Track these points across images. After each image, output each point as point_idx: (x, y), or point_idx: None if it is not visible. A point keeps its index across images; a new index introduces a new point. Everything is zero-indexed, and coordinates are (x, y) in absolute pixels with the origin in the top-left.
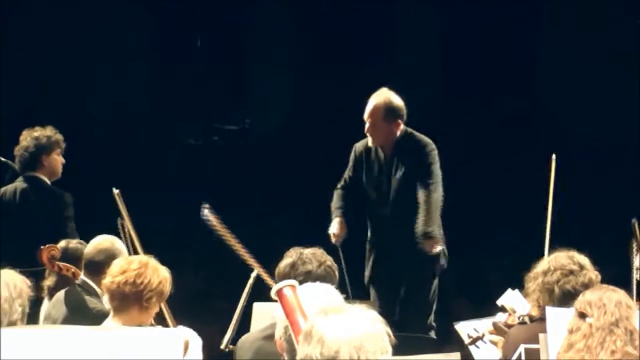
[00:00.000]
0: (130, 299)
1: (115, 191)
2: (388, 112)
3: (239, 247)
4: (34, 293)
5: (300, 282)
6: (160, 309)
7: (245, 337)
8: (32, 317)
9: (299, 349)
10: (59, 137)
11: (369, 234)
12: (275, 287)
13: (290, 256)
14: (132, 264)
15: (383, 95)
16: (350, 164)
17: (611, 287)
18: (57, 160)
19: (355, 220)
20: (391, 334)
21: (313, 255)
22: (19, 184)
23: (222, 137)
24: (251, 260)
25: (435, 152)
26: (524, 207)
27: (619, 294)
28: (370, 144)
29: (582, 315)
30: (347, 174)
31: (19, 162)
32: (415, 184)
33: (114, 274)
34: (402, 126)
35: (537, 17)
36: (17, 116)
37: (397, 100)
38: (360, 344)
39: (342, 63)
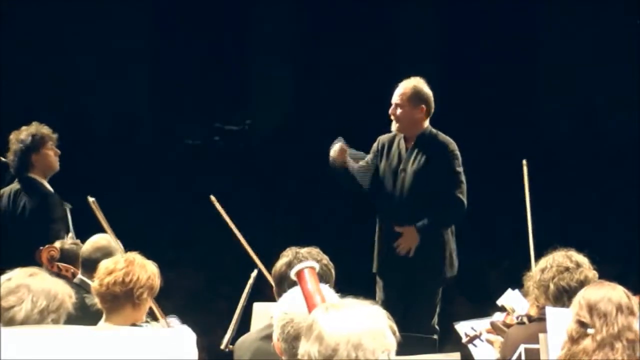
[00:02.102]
0: (122, 299)
1: (91, 199)
2: (414, 94)
3: (241, 237)
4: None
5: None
6: (151, 308)
7: (243, 338)
8: None
9: (301, 343)
10: (45, 130)
11: (377, 224)
12: (295, 268)
13: (287, 255)
14: (118, 263)
15: (413, 80)
16: (371, 151)
17: (610, 284)
18: (49, 154)
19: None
20: (396, 330)
21: (309, 254)
22: (14, 185)
23: (222, 138)
24: (250, 251)
25: (457, 153)
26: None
27: (618, 292)
28: (393, 129)
29: (582, 324)
30: (366, 159)
31: (12, 167)
32: (431, 181)
33: (101, 276)
34: (427, 119)
35: (536, 17)
36: (17, 116)
37: (426, 89)
38: (359, 342)
39: (342, 63)
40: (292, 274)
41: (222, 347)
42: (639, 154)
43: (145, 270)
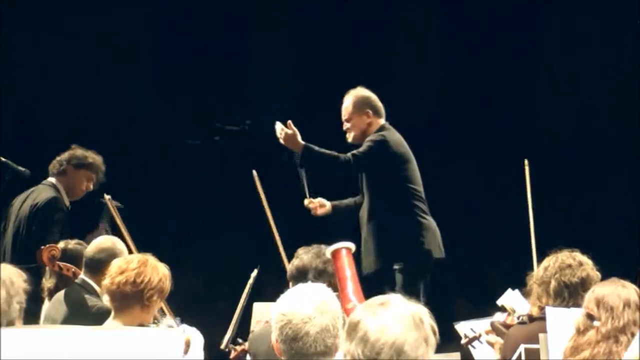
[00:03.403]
0: (132, 299)
1: (107, 197)
2: (356, 103)
3: (271, 218)
4: (31, 287)
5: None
6: (161, 307)
7: (259, 331)
8: (33, 317)
9: (343, 342)
10: (98, 164)
11: None
12: (332, 247)
13: (303, 253)
14: (131, 263)
15: (351, 92)
16: None
17: (621, 281)
18: (82, 181)
19: None
20: (437, 331)
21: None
22: (37, 186)
23: (222, 138)
24: (276, 235)
25: (374, 143)
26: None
27: (628, 290)
28: (349, 141)
29: (590, 317)
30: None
31: (50, 169)
32: (369, 181)
33: (112, 275)
34: (379, 119)
35: (537, 18)
36: (17, 116)
37: (365, 92)
38: (402, 348)
39: (342, 63)
40: (328, 252)
41: (222, 347)
42: (639, 154)
43: (157, 273)
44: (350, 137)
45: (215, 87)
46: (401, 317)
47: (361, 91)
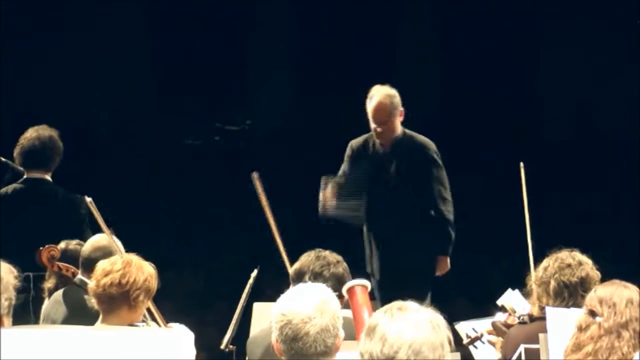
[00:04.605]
0: (118, 300)
1: (88, 199)
2: (395, 105)
3: (272, 221)
4: (20, 283)
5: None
6: (149, 308)
7: (255, 334)
8: (33, 317)
9: (361, 342)
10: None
11: (364, 228)
12: (347, 285)
13: (308, 256)
14: (115, 264)
15: (382, 91)
16: (348, 159)
17: (623, 282)
18: None
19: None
20: (452, 340)
21: (331, 256)
22: (27, 186)
23: (222, 138)
24: (277, 238)
25: (437, 153)
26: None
27: (630, 290)
28: (376, 138)
29: (592, 313)
30: (344, 168)
31: (27, 156)
32: (417, 183)
33: (98, 277)
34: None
35: (536, 17)
36: (17, 116)
37: (394, 91)
38: (419, 348)
39: (342, 63)
40: (344, 290)
41: (222, 347)
42: (639, 154)
43: (142, 272)
44: (384, 139)
45: (215, 87)
46: (419, 321)
47: (391, 90)
